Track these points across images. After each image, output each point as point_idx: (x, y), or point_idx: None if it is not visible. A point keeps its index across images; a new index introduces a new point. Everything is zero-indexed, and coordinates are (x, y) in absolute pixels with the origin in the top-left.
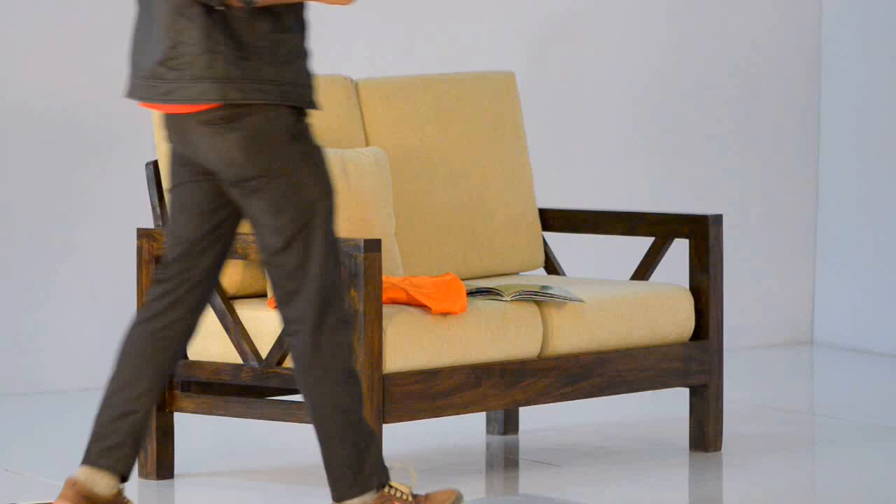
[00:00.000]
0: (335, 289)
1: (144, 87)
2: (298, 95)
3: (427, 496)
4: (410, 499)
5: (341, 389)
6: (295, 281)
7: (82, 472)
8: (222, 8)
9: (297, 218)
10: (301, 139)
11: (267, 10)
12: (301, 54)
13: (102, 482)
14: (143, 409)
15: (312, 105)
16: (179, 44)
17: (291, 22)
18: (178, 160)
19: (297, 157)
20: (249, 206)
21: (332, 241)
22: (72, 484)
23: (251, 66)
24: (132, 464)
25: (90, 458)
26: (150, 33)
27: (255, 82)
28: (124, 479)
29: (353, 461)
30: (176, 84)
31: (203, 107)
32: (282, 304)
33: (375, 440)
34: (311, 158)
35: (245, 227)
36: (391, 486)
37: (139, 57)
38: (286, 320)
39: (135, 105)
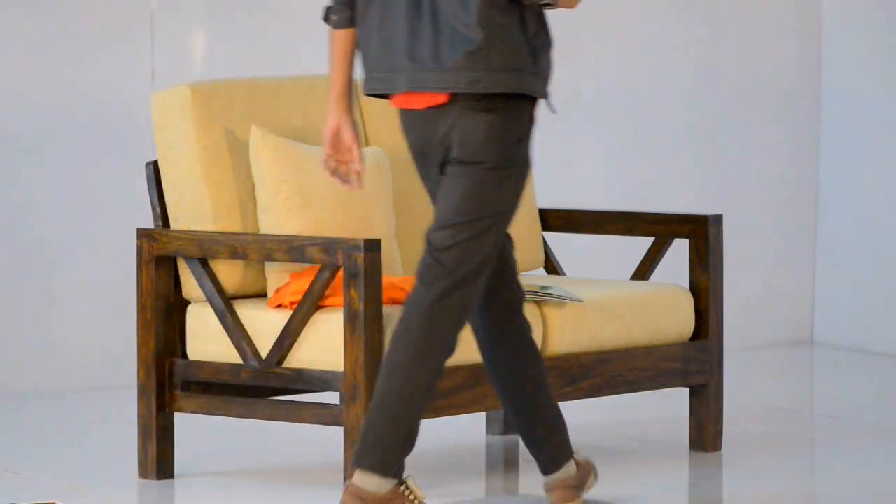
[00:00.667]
0: (476, 283)
1: (447, 78)
2: (547, 93)
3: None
4: None
5: (426, 371)
6: (447, 258)
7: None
8: (530, 3)
9: (484, 210)
10: (528, 144)
11: (532, 10)
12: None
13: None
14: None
15: (549, 103)
16: (492, 35)
17: (547, 23)
18: (423, 163)
19: (519, 161)
20: (453, 180)
21: (496, 246)
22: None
23: (536, 61)
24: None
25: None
26: (448, 25)
27: (537, 77)
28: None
29: (387, 439)
30: (484, 74)
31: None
32: (421, 273)
33: (413, 444)
34: (525, 168)
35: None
36: (408, 488)
37: (417, 50)
38: (420, 285)
39: (135, 105)
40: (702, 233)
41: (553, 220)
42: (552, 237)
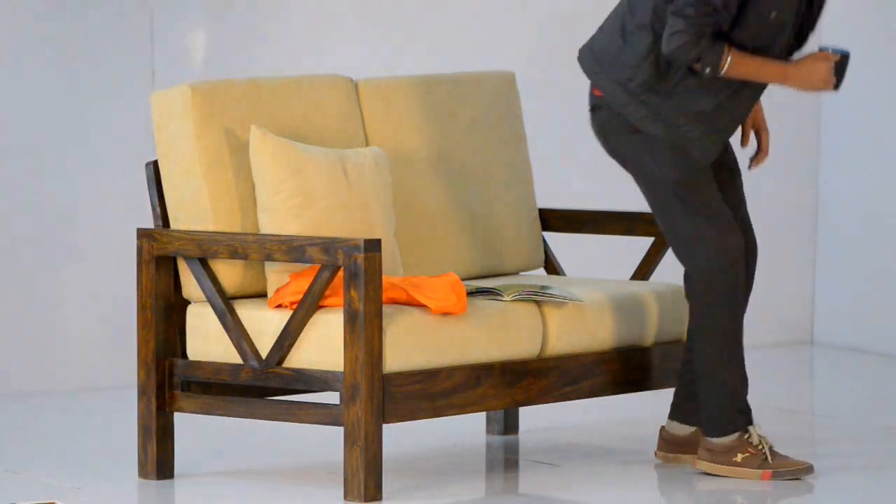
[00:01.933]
0: (710, 267)
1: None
2: (657, 128)
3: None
4: (767, 451)
5: (700, 348)
6: (677, 253)
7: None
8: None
9: (650, 199)
10: (640, 134)
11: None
12: (690, 117)
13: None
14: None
15: (695, 152)
16: (615, 44)
17: (698, 83)
18: None
19: (636, 147)
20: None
21: (693, 223)
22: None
23: (644, 94)
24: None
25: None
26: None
27: (632, 96)
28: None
29: (724, 399)
30: (600, 76)
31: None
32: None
33: (743, 388)
34: (651, 147)
35: None
36: (749, 434)
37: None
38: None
39: (135, 105)
40: None
41: (553, 220)
42: (552, 237)
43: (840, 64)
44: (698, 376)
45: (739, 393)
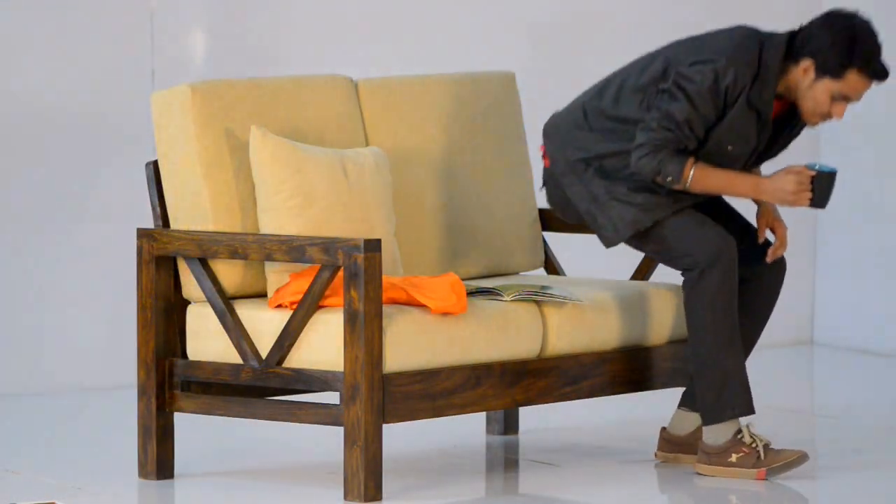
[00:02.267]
0: (704, 257)
1: None
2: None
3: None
4: (760, 449)
5: (694, 335)
6: (672, 260)
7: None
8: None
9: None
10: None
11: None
12: (615, 195)
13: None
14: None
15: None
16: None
17: (634, 182)
18: None
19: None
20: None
21: (677, 229)
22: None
23: (583, 166)
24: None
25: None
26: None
27: (569, 166)
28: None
29: (714, 390)
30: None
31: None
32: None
33: (739, 374)
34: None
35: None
36: (741, 433)
37: None
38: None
39: (135, 105)
40: None
41: (553, 220)
42: (552, 237)
43: (821, 180)
44: (694, 368)
45: (738, 378)
